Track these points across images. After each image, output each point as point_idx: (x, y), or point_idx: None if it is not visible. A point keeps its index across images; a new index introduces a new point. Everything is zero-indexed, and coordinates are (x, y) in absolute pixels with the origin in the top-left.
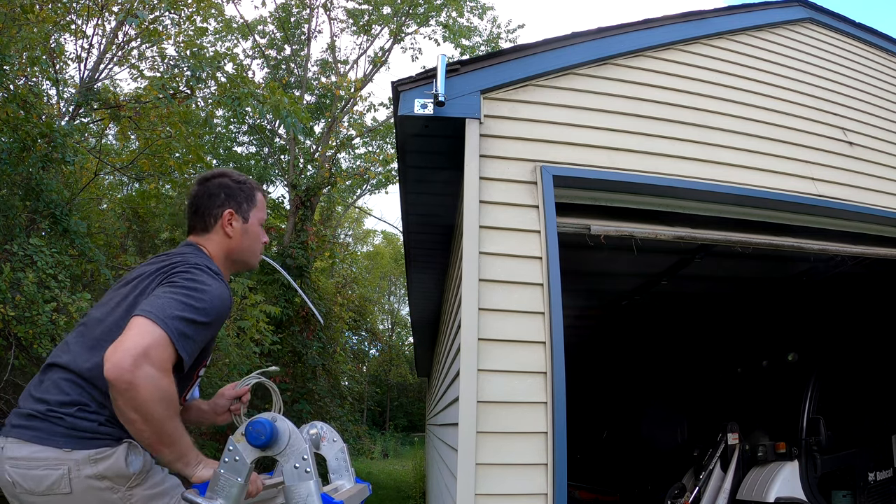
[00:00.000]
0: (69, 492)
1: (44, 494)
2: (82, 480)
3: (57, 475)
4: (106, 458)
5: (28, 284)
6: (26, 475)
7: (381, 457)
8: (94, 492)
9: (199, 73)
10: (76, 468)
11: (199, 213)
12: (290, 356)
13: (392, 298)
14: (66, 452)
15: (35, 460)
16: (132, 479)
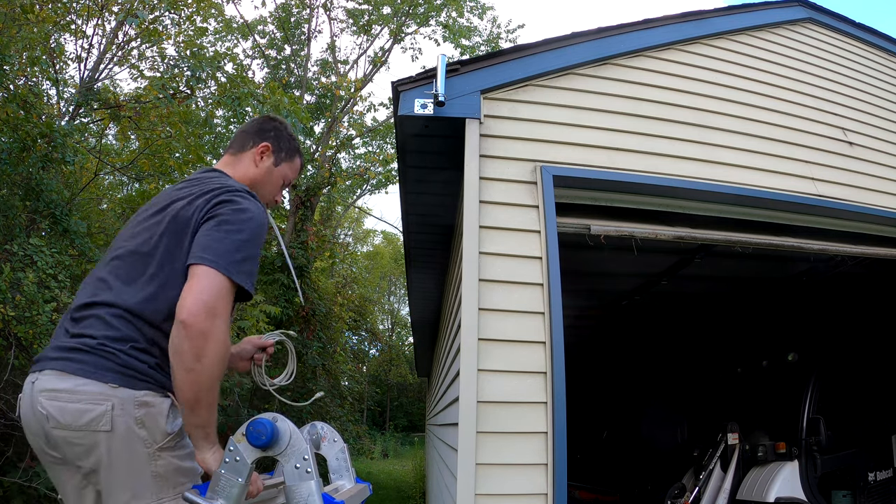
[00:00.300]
0: (109, 430)
1: (80, 430)
2: (124, 420)
3: (99, 411)
4: (150, 405)
5: (28, 284)
6: (64, 408)
7: (381, 457)
8: (131, 437)
9: (199, 73)
10: (121, 406)
11: (245, 132)
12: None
13: (392, 298)
14: (112, 388)
15: (77, 393)
16: (166, 440)
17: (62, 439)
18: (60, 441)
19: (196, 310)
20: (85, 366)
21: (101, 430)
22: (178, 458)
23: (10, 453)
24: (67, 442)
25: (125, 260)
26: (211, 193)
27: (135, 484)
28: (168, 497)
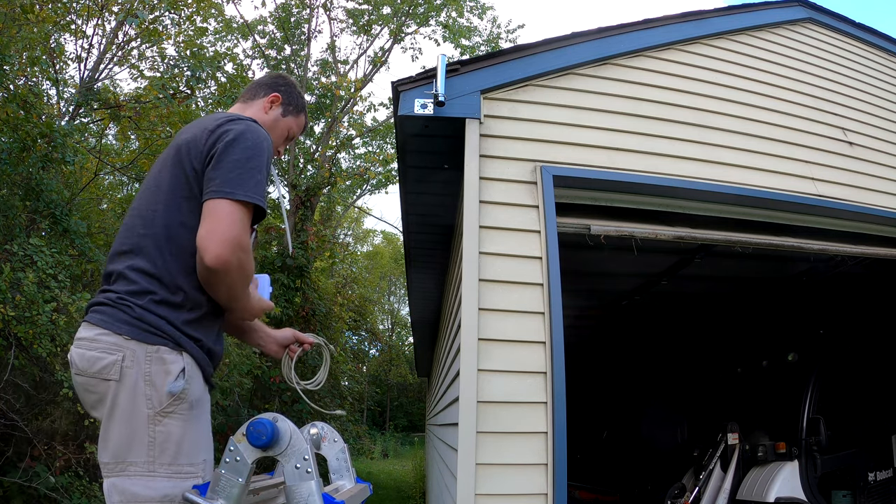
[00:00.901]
0: (118, 379)
1: (93, 376)
2: (133, 372)
3: (111, 360)
4: (162, 361)
5: (28, 284)
6: (83, 355)
7: (381, 457)
8: (136, 391)
9: (199, 73)
10: (131, 357)
11: (258, 83)
12: None
13: (392, 298)
14: (125, 339)
15: (95, 342)
16: (169, 401)
17: (81, 386)
18: (80, 388)
19: (220, 253)
20: (105, 317)
21: (111, 378)
22: (180, 427)
23: (10, 453)
24: (85, 389)
25: (144, 218)
26: (213, 123)
27: (131, 442)
28: (162, 473)
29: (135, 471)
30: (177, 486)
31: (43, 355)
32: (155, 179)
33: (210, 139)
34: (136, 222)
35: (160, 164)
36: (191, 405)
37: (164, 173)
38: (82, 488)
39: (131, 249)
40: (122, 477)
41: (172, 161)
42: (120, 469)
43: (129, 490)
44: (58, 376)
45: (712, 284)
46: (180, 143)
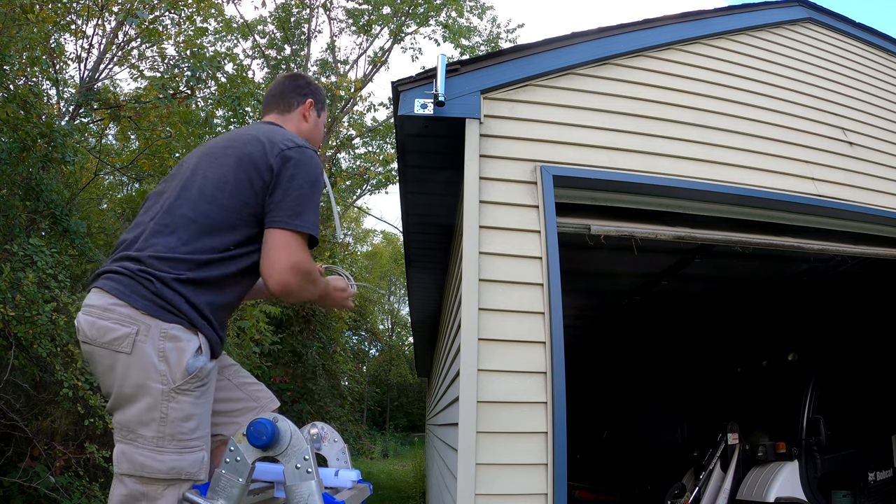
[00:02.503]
0: (129, 353)
1: (102, 346)
2: (146, 348)
3: (124, 332)
4: (177, 339)
5: (28, 284)
6: (94, 323)
7: (381, 457)
8: (148, 367)
9: (199, 73)
10: (146, 332)
11: (284, 96)
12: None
13: (392, 298)
14: (140, 314)
15: (109, 311)
16: (185, 379)
17: (88, 354)
18: (88, 357)
19: (283, 282)
20: (122, 287)
21: (121, 350)
22: (192, 405)
23: (10, 453)
24: (92, 358)
25: (183, 197)
26: (278, 141)
27: (142, 415)
28: (170, 448)
29: (144, 443)
30: (184, 458)
31: (43, 355)
32: (204, 171)
33: (276, 161)
34: (180, 203)
35: (210, 158)
36: (203, 384)
37: (221, 171)
38: (82, 488)
39: (167, 227)
40: (132, 445)
41: (234, 164)
42: (131, 438)
43: (138, 460)
44: (58, 376)
45: (712, 284)
46: (242, 153)
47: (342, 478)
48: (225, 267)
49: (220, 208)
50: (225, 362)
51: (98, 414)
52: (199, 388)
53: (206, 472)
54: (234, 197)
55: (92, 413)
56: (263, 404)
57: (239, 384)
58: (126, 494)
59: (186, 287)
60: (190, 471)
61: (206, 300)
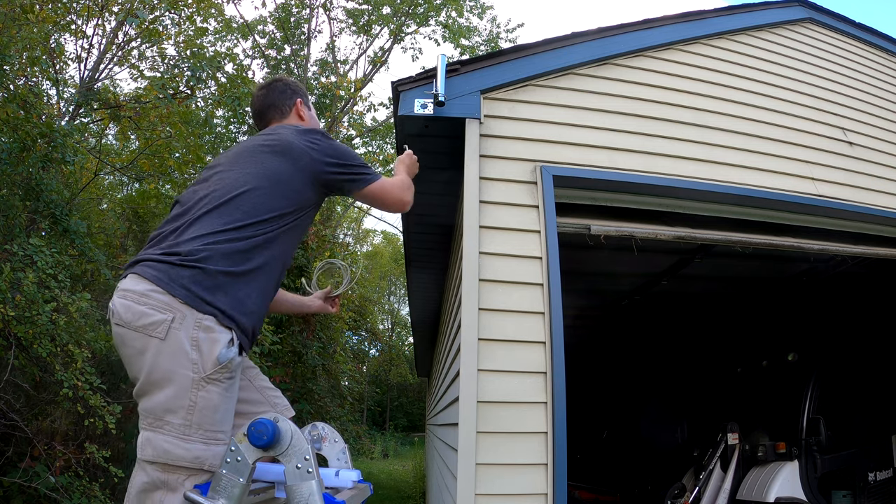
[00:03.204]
0: (163, 338)
1: (136, 330)
2: (180, 336)
3: (159, 318)
4: (210, 329)
5: (28, 284)
6: (129, 307)
7: (381, 457)
8: (180, 354)
9: (199, 73)
10: (181, 320)
11: (275, 105)
12: (290, 356)
13: (392, 298)
14: (178, 302)
15: (146, 297)
16: (216, 369)
17: (119, 337)
18: (118, 340)
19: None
20: (161, 275)
21: (155, 335)
22: (220, 397)
23: (10, 453)
24: (123, 341)
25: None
26: (303, 132)
27: (170, 402)
28: (197, 437)
29: (170, 430)
30: (209, 449)
31: (43, 355)
32: (243, 165)
33: (306, 149)
34: (217, 196)
35: (245, 154)
36: (232, 377)
37: (259, 164)
38: (82, 488)
39: (206, 216)
40: (157, 433)
41: (270, 155)
42: (157, 425)
43: (163, 447)
44: (58, 376)
45: (712, 284)
46: (277, 147)
47: (343, 478)
48: (260, 259)
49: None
50: (247, 363)
51: (98, 414)
52: (228, 379)
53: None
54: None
55: (92, 413)
56: (279, 411)
57: (259, 387)
58: (147, 482)
59: (223, 277)
60: (213, 462)
61: (242, 292)
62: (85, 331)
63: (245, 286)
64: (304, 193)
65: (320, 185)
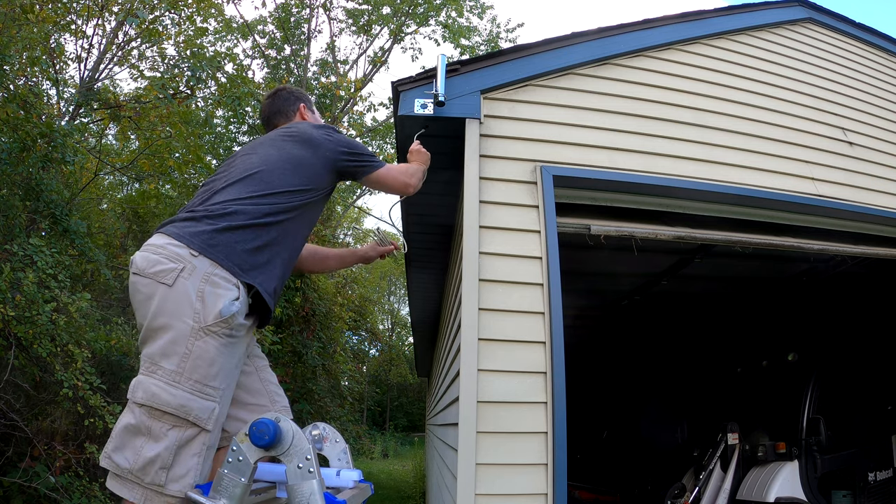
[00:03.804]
0: (170, 285)
1: (147, 277)
2: (187, 284)
3: (170, 266)
4: (217, 284)
5: (28, 284)
6: (146, 257)
7: (381, 457)
8: (184, 302)
9: (199, 73)
10: (190, 271)
11: (281, 111)
12: (290, 356)
13: (392, 298)
14: (191, 254)
15: (162, 249)
16: (216, 321)
17: (133, 285)
18: (132, 289)
19: (406, 188)
20: (181, 231)
21: (163, 282)
22: (216, 350)
23: (10, 453)
24: (136, 288)
25: (252, 169)
26: (317, 127)
27: (166, 347)
28: (185, 386)
29: (162, 375)
30: (195, 400)
31: (43, 355)
32: (266, 150)
33: (324, 140)
34: (240, 171)
35: (267, 142)
36: (232, 334)
37: (281, 149)
38: (82, 488)
39: (230, 186)
40: (150, 377)
41: (290, 143)
42: (151, 370)
43: (151, 390)
44: (58, 376)
45: (712, 284)
46: (297, 136)
47: (344, 478)
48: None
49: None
50: (256, 352)
51: (98, 414)
52: (228, 336)
53: (215, 426)
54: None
55: (92, 413)
56: (277, 409)
57: (263, 379)
58: (133, 424)
59: (240, 234)
60: (199, 415)
61: (256, 259)
62: (85, 331)
63: (262, 252)
64: (321, 176)
65: (335, 171)
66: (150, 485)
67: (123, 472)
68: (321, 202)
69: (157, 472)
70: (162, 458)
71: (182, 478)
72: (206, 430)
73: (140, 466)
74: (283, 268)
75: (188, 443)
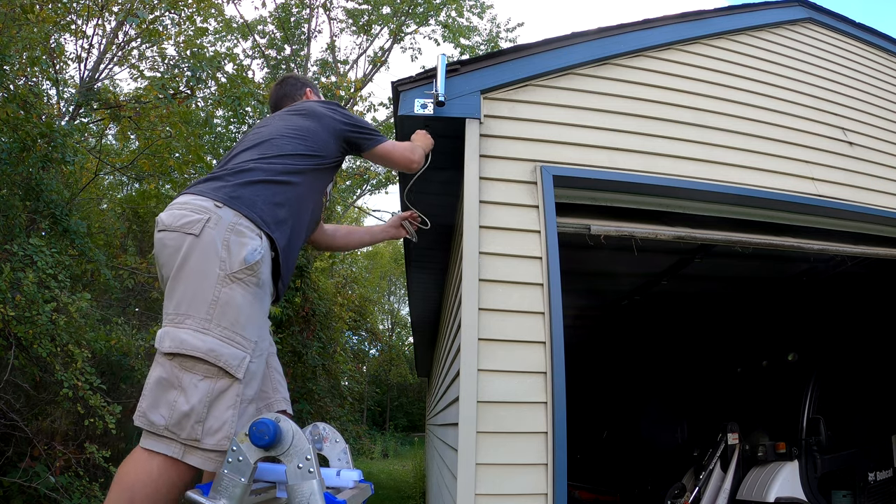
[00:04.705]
0: (197, 235)
1: (174, 230)
2: (213, 234)
3: (196, 218)
4: (242, 234)
5: (28, 284)
6: (173, 213)
7: (381, 457)
8: (211, 251)
9: (200, 74)
10: (216, 222)
11: (288, 95)
12: (290, 356)
13: (392, 298)
14: (216, 206)
15: (187, 204)
16: (241, 268)
17: (160, 241)
18: (158, 245)
19: (411, 164)
20: (204, 187)
21: (190, 232)
22: (243, 298)
23: (10, 453)
24: (163, 243)
25: (264, 136)
26: (326, 103)
27: (194, 296)
28: (214, 333)
29: (190, 323)
30: (225, 347)
31: (43, 355)
32: (275, 124)
33: (328, 112)
34: (253, 140)
35: (276, 118)
36: (258, 284)
37: (289, 122)
38: (82, 488)
39: (245, 150)
40: (178, 327)
41: (297, 117)
42: (178, 321)
43: (180, 337)
44: (58, 376)
45: (712, 284)
46: (303, 111)
47: (344, 477)
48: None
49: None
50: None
51: (98, 414)
52: (254, 283)
53: (248, 378)
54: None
55: (92, 413)
56: (275, 399)
57: (269, 364)
58: (163, 377)
59: (261, 187)
60: (229, 362)
61: (277, 213)
62: (85, 331)
63: (281, 208)
64: (328, 144)
65: (341, 141)
66: (187, 440)
67: (159, 429)
68: (329, 172)
69: (193, 426)
70: (196, 412)
71: (218, 431)
72: (238, 380)
73: (175, 421)
74: (294, 233)
75: (221, 394)
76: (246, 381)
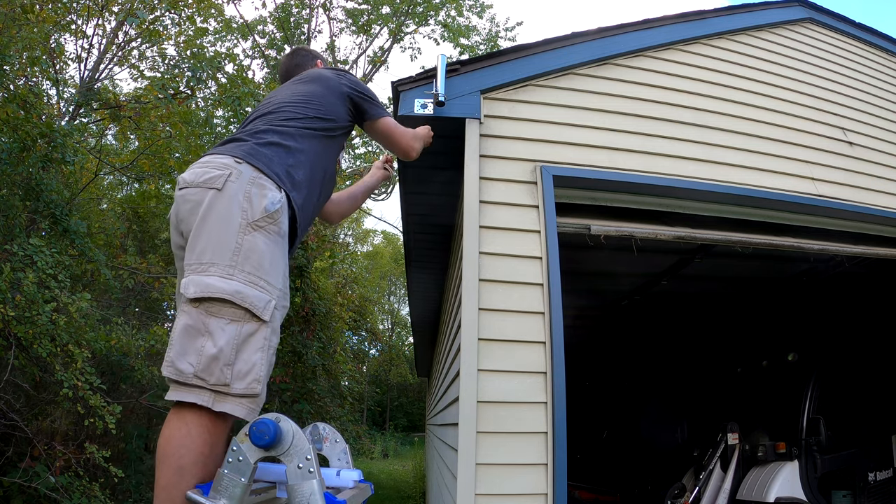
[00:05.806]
0: (219, 189)
1: (196, 186)
2: (235, 187)
3: (217, 174)
4: (263, 187)
5: (28, 284)
6: (194, 171)
7: (381, 457)
8: (233, 203)
9: (200, 74)
10: (237, 176)
11: (298, 65)
12: (290, 356)
13: (392, 298)
14: (236, 162)
15: (209, 163)
16: (262, 216)
17: (181, 198)
18: (179, 201)
19: (411, 149)
20: (225, 147)
21: (212, 187)
22: (266, 245)
23: (10, 453)
24: (184, 199)
25: (274, 105)
26: (334, 71)
27: (217, 245)
28: (239, 278)
29: (215, 270)
30: (251, 291)
31: (43, 355)
32: (282, 93)
33: (334, 75)
34: (265, 109)
35: (283, 89)
36: (279, 233)
37: (296, 90)
38: (82, 488)
39: (259, 118)
40: (202, 275)
41: (303, 84)
42: (202, 269)
43: (205, 281)
44: (58, 376)
45: (712, 284)
46: (307, 77)
47: (344, 477)
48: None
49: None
50: None
51: (98, 414)
52: (275, 232)
53: (274, 321)
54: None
55: (92, 413)
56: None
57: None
58: (190, 324)
59: (279, 149)
60: (255, 303)
61: (294, 175)
62: (85, 331)
63: (297, 171)
64: (336, 106)
65: (348, 101)
66: (216, 385)
67: (188, 377)
68: (340, 138)
69: (222, 369)
70: (225, 355)
71: (247, 374)
72: (265, 323)
73: (204, 367)
74: (309, 194)
75: (249, 337)
76: (272, 326)
